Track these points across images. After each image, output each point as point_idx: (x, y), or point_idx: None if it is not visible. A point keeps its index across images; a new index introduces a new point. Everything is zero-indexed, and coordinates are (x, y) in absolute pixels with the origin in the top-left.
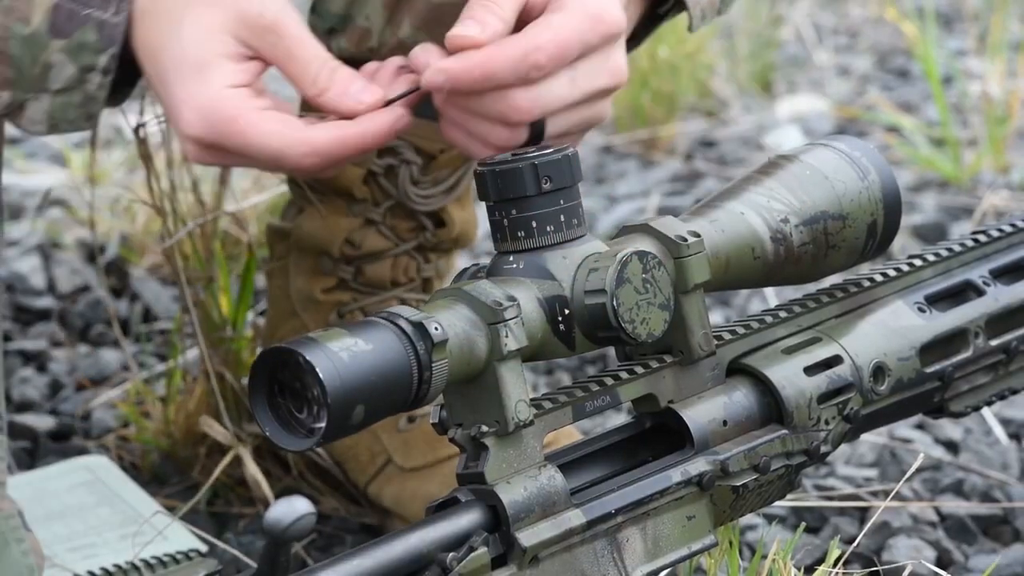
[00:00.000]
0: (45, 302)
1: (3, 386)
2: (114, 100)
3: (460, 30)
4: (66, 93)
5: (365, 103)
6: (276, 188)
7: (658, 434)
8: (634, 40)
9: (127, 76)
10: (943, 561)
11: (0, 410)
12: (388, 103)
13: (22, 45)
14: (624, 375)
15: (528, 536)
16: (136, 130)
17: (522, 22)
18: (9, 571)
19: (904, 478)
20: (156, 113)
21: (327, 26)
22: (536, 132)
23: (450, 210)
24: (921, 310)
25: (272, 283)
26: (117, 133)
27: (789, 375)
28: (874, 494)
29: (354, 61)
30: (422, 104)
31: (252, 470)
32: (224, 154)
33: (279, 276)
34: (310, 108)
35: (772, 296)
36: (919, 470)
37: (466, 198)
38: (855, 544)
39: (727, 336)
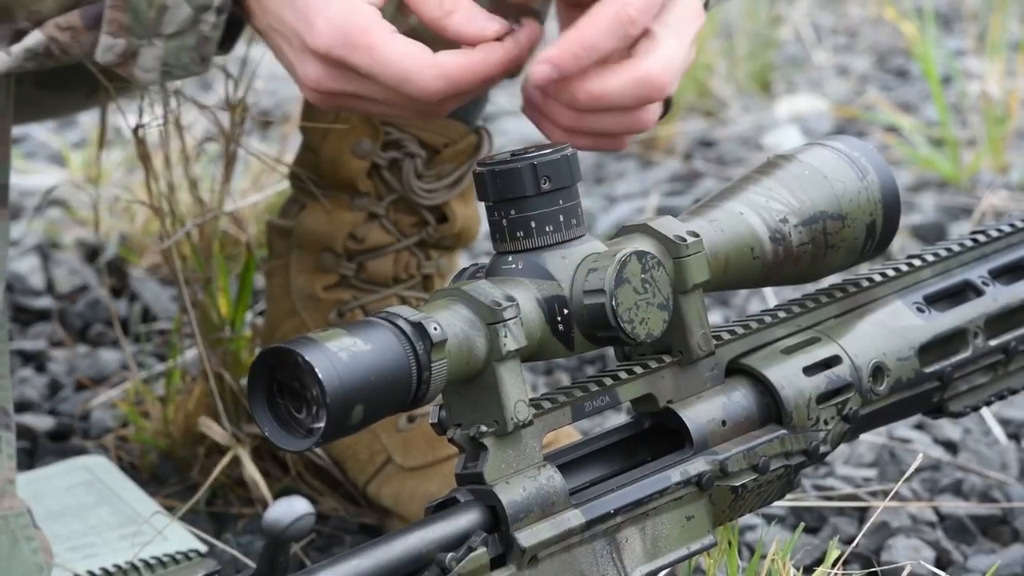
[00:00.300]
0: (44, 302)
1: (11, 384)
2: (223, 46)
3: None
4: (180, 36)
5: (491, 30)
6: (275, 187)
7: (657, 434)
8: None
9: (232, 20)
10: (942, 561)
11: (7, 407)
12: (504, 37)
13: None
14: (623, 375)
15: (527, 536)
16: (136, 131)
17: None
18: (19, 569)
19: (903, 478)
20: (156, 114)
21: None
22: (666, 98)
23: (453, 205)
24: (920, 310)
25: (272, 281)
26: (117, 133)
27: (788, 375)
28: (873, 494)
29: None
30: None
31: (251, 471)
32: (348, 75)
33: (279, 274)
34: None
35: (771, 296)
36: (918, 470)
37: (469, 194)
38: (854, 544)
39: (726, 336)
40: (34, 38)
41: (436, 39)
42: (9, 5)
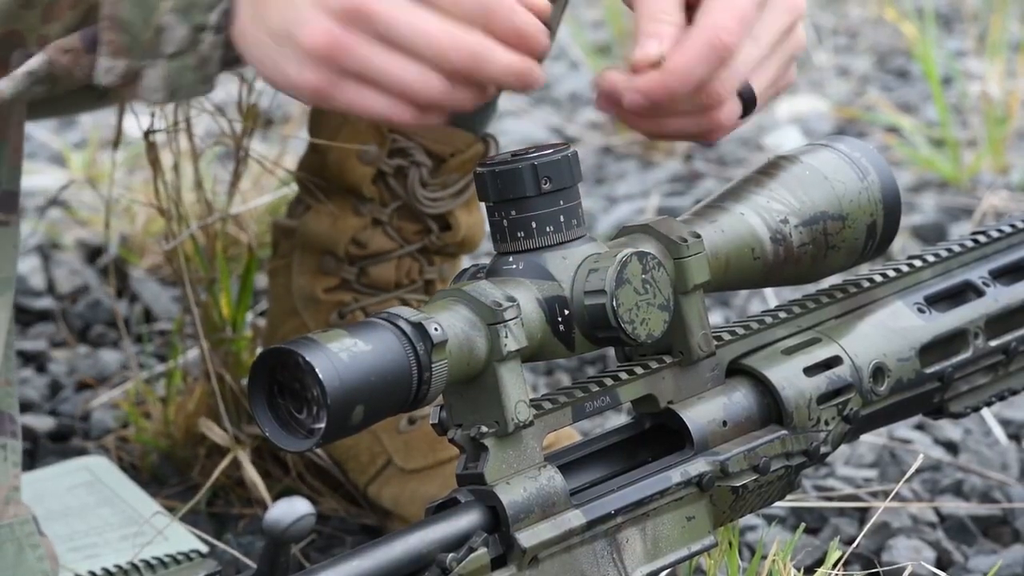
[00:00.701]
0: (45, 303)
1: (16, 391)
2: (229, 63)
3: (640, 52)
4: (181, 56)
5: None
6: (279, 190)
7: (658, 435)
8: None
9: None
10: (943, 562)
11: (13, 413)
12: None
13: (132, 7)
14: (624, 376)
15: (528, 537)
16: (147, 134)
17: None
18: None
19: (904, 479)
20: (166, 117)
21: None
22: (747, 99)
23: (457, 214)
24: (921, 311)
25: (274, 281)
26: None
27: (789, 376)
28: (874, 495)
29: None
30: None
31: (250, 473)
32: (361, 40)
33: (281, 274)
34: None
35: (771, 297)
36: (919, 471)
37: (474, 203)
38: (855, 545)
39: (727, 337)
40: (36, 61)
41: None
42: (19, 29)
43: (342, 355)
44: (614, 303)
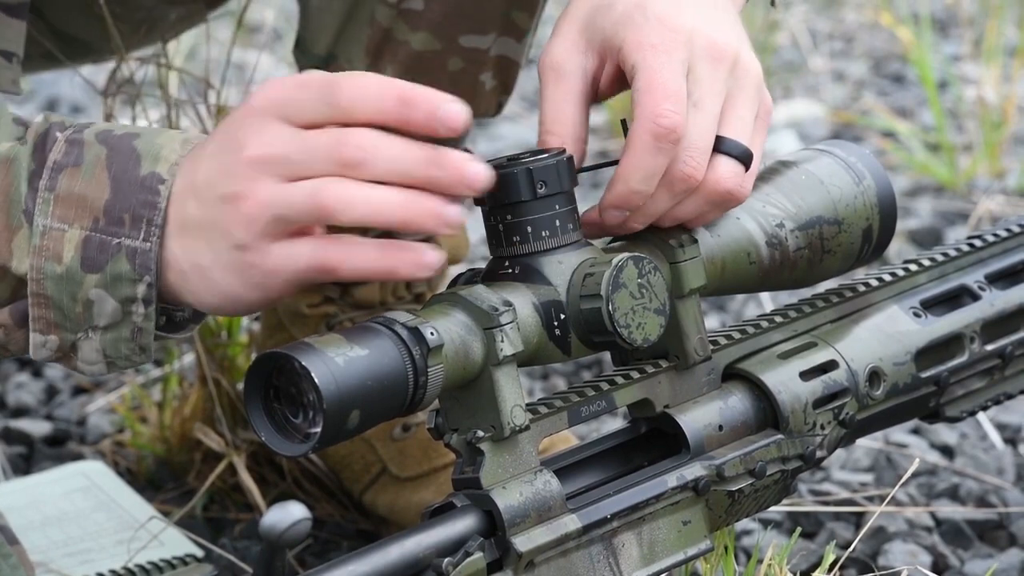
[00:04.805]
0: None
1: None
2: (176, 328)
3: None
4: (114, 328)
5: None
6: None
7: (654, 439)
8: None
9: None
10: (939, 566)
11: None
12: None
13: (57, 285)
14: (620, 380)
15: (524, 541)
16: None
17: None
18: None
19: (900, 483)
20: (150, 121)
21: (310, 65)
22: (739, 155)
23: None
24: (916, 315)
25: None
26: None
27: (785, 380)
28: (870, 499)
29: None
30: None
31: (246, 478)
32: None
33: None
34: None
35: (768, 301)
36: (915, 475)
37: None
38: (851, 549)
39: (723, 341)
40: None
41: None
42: None
43: (338, 359)
44: (610, 307)
